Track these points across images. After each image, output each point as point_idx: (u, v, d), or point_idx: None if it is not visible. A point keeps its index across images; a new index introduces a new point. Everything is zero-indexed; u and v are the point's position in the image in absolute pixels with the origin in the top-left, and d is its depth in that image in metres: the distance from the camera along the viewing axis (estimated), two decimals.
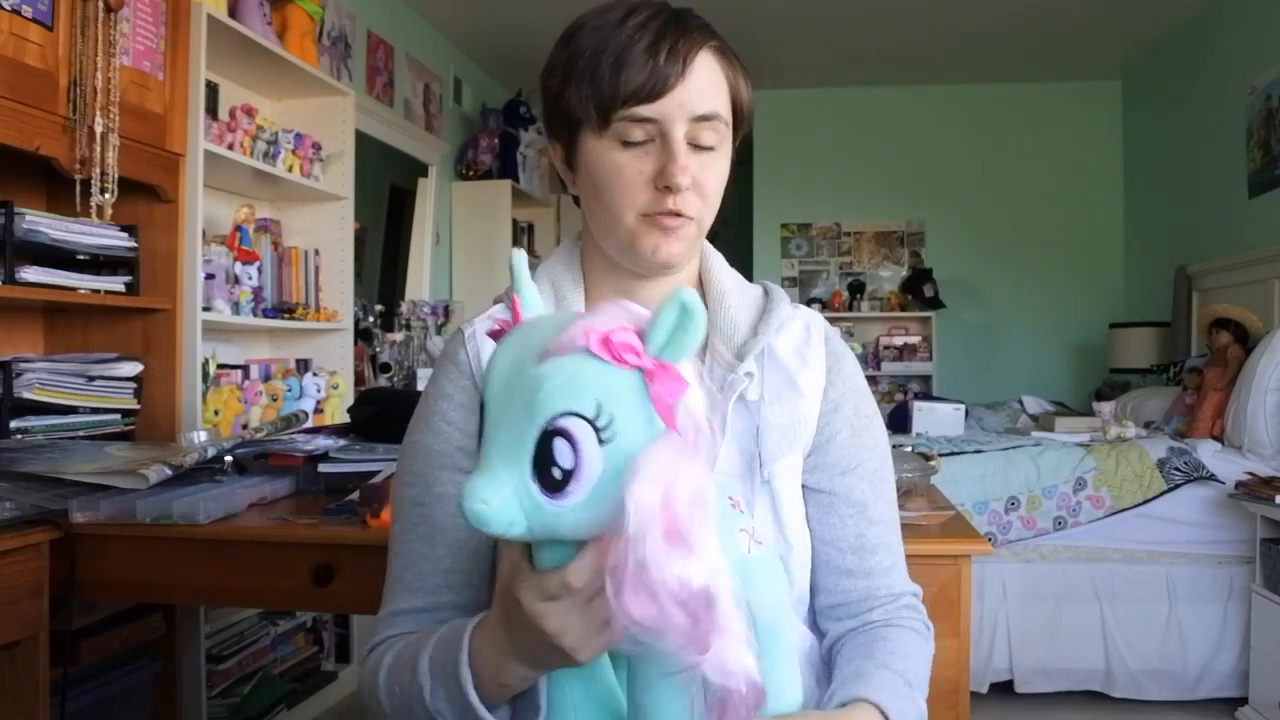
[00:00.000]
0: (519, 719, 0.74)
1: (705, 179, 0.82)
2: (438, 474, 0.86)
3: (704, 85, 0.80)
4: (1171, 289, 4.33)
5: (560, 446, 0.54)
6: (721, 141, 0.83)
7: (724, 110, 0.83)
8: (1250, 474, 2.77)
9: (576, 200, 0.90)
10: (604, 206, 0.83)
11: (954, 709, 1.37)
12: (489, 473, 0.56)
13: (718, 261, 0.95)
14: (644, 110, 0.79)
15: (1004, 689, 2.86)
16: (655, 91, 0.78)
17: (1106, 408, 3.33)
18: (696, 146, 0.81)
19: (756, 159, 5.64)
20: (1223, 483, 2.80)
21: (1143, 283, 5.05)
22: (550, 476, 0.54)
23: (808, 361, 0.90)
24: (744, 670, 0.55)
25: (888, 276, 5.60)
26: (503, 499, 0.55)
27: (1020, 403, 4.16)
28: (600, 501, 0.55)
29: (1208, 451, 2.92)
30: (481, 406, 0.86)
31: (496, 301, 0.93)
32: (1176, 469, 2.84)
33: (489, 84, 5.12)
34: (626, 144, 0.80)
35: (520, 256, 0.67)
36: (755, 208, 5.66)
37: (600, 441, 0.54)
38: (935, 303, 5.29)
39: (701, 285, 0.93)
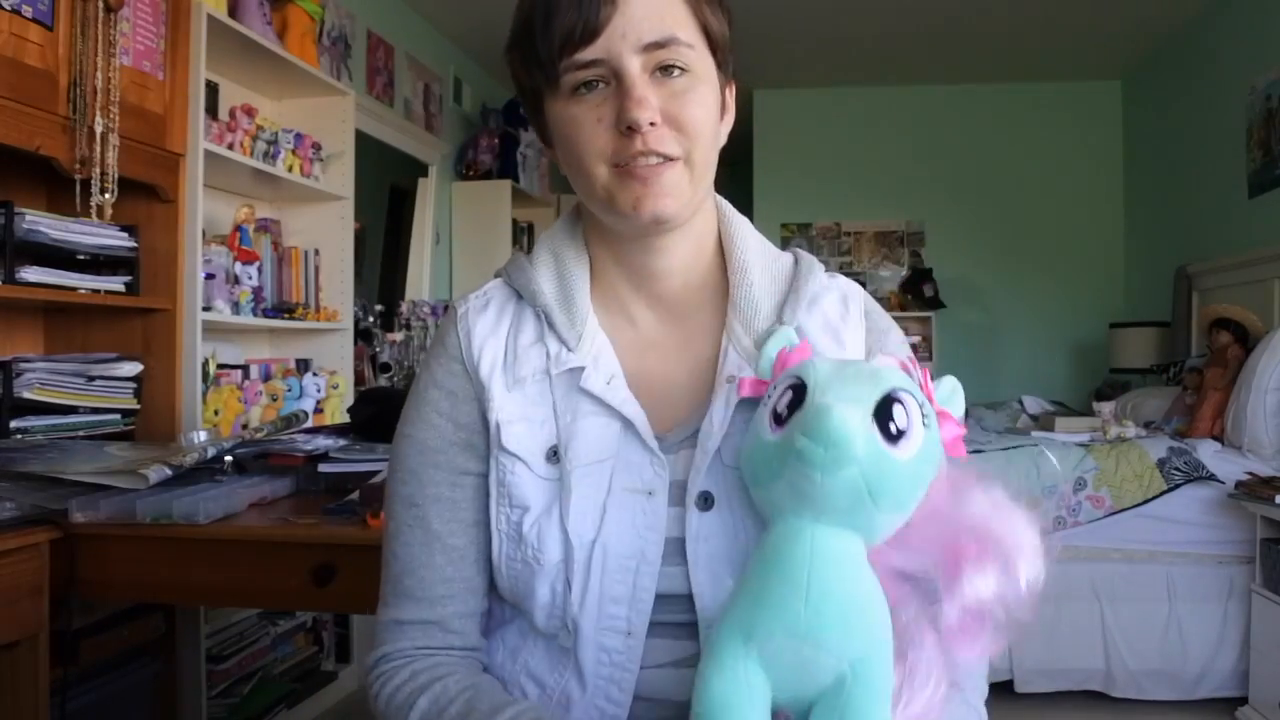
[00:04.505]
0: None
1: (681, 109, 0.72)
2: (431, 473, 0.80)
3: (647, 10, 0.71)
4: (1171, 289, 4.33)
5: (898, 410, 0.64)
6: (695, 64, 0.73)
7: (685, 34, 0.73)
8: (1250, 474, 2.77)
9: None
10: (573, 166, 0.75)
11: None
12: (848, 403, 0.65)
13: (741, 227, 0.84)
14: (585, 54, 0.71)
15: (1004, 689, 2.86)
16: (589, 30, 0.70)
17: (1106, 408, 3.32)
18: (664, 75, 0.72)
19: (756, 159, 5.62)
20: (1223, 483, 2.80)
21: (1143, 283, 5.05)
22: (888, 429, 0.64)
23: (843, 341, 0.80)
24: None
25: (888, 276, 5.59)
26: (858, 422, 0.63)
27: (1020, 403, 4.16)
28: (924, 464, 0.66)
29: (1208, 451, 2.91)
30: (475, 395, 0.80)
31: (496, 275, 0.87)
32: (1176, 469, 2.83)
33: (489, 84, 5.12)
34: (581, 95, 0.73)
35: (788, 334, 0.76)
36: (755, 208, 5.65)
37: (924, 423, 0.66)
38: (935, 303, 5.29)
39: (723, 253, 0.84)
